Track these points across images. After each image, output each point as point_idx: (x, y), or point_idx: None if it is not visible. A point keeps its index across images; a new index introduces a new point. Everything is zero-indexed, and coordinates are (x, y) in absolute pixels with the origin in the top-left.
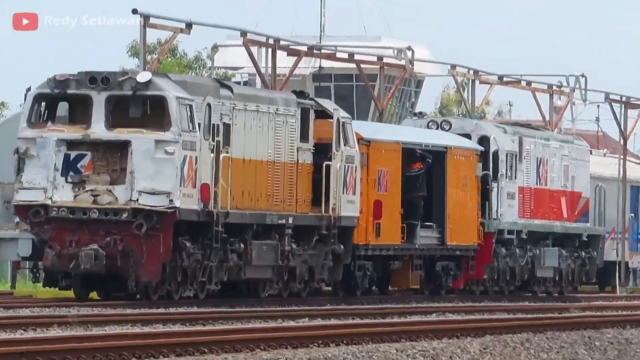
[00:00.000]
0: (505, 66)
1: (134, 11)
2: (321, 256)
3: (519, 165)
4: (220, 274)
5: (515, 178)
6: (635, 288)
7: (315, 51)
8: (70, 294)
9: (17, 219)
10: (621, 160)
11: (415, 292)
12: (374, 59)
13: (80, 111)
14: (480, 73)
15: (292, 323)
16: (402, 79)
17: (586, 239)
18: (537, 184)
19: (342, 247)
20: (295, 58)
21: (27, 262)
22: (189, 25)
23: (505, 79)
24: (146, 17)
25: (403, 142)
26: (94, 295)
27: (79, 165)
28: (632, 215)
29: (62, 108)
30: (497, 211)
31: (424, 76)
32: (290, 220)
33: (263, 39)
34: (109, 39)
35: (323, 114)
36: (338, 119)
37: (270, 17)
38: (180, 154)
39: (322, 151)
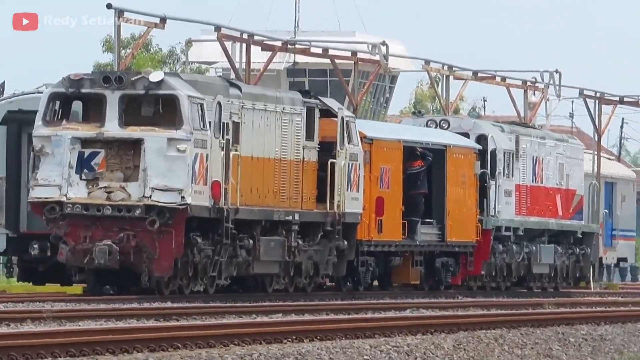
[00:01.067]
0: (479, 62)
1: (109, 6)
2: (326, 252)
3: (515, 164)
4: (229, 269)
5: (512, 176)
6: (609, 284)
7: (289, 46)
8: (44, 289)
9: None
10: (595, 156)
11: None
12: (348, 54)
13: (94, 110)
14: (454, 69)
15: (265, 319)
16: (376, 75)
17: (580, 236)
18: (533, 181)
19: (346, 243)
20: (270, 53)
21: (1, 257)
22: (163, 20)
23: (479, 74)
24: (120, 12)
25: (404, 140)
26: (75, 289)
27: (92, 163)
28: (606, 211)
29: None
30: (494, 208)
31: (398, 71)
32: (297, 217)
33: (237, 34)
34: (84, 34)
35: (328, 113)
36: (342, 118)
37: (245, 12)
38: (192, 152)
39: (326, 149)
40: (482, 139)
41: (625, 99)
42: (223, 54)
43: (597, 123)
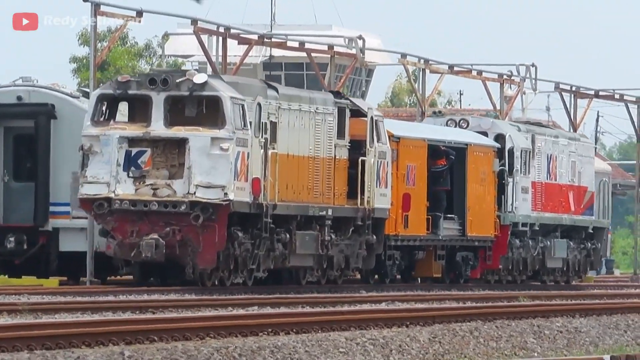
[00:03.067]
0: (456, 55)
1: None
2: (356, 246)
3: (531, 162)
4: (267, 262)
5: (529, 173)
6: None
7: (266, 40)
8: (20, 281)
9: None
10: None
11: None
12: (325, 47)
13: (140, 110)
14: (430, 62)
15: (241, 311)
16: (352, 68)
17: (592, 231)
18: (547, 179)
19: (375, 237)
20: (246, 47)
21: None
22: (140, 13)
23: (455, 68)
24: (97, 5)
25: (429, 139)
26: (51, 282)
27: (139, 161)
28: None
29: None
30: (512, 204)
31: (374, 65)
32: (330, 212)
33: (214, 28)
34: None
35: (357, 113)
36: (372, 117)
37: (221, 6)
38: (234, 150)
39: (356, 147)
40: (500, 137)
41: (601, 93)
42: (199, 47)
43: (572, 117)
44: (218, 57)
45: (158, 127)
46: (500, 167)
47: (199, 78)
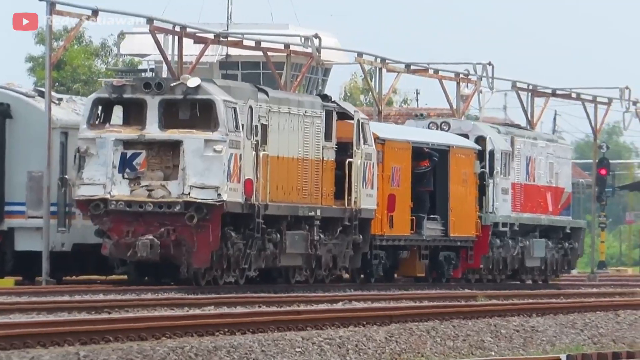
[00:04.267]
0: (412, 54)
1: None
2: (344, 245)
3: (511, 163)
4: (258, 261)
5: (509, 175)
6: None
7: (222, 39)
8: None
9: None
10: None
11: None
12: (281, 46)
13: (135, 113)
14: (387, 61)
15: (197, 311)
16: (309, 67)
17: (569, 231)
18: (526, 180)
19: (361, 237)
20: (202, 46)
21: None
22: (95, 12)
23: (412, 67)
24: (52, 4)
25: (413, 141)
26: (6, 282)
27: (134, 163)
28: None
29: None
30: (493, 205)
31: (331, 64)
32: (319, 212)
33: (170, 27)
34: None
35: (344, 115)
36: (358, 120)
37: (177, 5)
38: (227, 152)
39: (343, 149)
40: (480, 140)
41: (558, 92)
42: (155, 46)
43: (529, 115)
44: (174, 56)
45: (153, 130)
46: (481, 169)
47: (193, 82)
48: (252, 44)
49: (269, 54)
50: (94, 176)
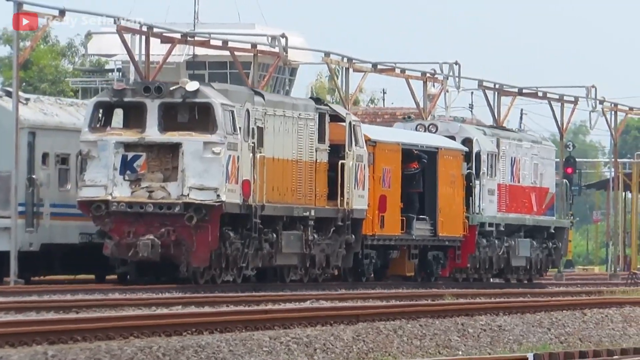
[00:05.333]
0: (379, 54)
1: None
2: (336, 245)
3: (497, 164)
4: (255, 260)
5: (495, 176)
6: None
7: (189, 38)
8: None
9: None
10: None
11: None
12: (248, 46)
13: (135, 117)
14: (354, 61)
15: (165, 311)
16: (276, 67)
17: (553, 231)
18: (511, 181)
19: (353, 237)
20: (169, 45)
21: None
22: (62, 12)
23: (379, 66)
24: (19, 4)
25: (402, 143)
26: None
27: (135, 165)
28: None
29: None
30: (479, 206)
31: (298, 64)
32: (313, 213)
33: (136, 26)
34: None
35: (336, 118)
36: (350, 122)
37: (144, 4)
38: (225, 154)
39: (335, 151)
40: (467, 141)
41: (524, 91)
42: (123, 46)
43: (496, 114)
44: (141, 56)
45: (153, 133)
46: (468, 170)
47: (191, 86)
48: (219, 43)
49: (236, 53)
50: (96, 178)
